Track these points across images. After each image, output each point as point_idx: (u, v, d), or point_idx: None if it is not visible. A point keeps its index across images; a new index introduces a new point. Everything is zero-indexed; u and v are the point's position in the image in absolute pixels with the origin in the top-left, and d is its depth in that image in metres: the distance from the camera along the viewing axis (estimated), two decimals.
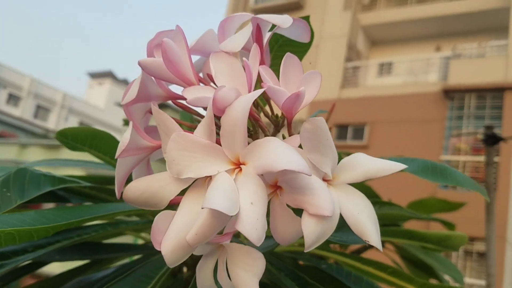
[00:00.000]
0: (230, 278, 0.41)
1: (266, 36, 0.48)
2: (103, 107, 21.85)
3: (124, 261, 0.81)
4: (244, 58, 0.40)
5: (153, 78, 0.45)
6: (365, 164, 0.43)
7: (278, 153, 0.36)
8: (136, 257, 0.74)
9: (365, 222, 0.40)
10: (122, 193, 0.46)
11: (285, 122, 0.47)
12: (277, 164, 0.36)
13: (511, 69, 8.95)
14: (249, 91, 0.40)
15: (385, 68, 11.04)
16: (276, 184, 0.39)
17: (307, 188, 0.38)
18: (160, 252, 0.70)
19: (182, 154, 0.39)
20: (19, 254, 0.56)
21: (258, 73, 0.42)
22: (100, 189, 0.69)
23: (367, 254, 1.13)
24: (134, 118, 0.45)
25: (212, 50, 0.49)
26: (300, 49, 0.62)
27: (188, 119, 0.74)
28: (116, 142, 0.65)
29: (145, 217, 0.71)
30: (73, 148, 0.63)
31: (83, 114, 20.82)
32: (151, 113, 0.49)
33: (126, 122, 0.97)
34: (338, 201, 0.40)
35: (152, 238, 0.39)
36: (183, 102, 0.48)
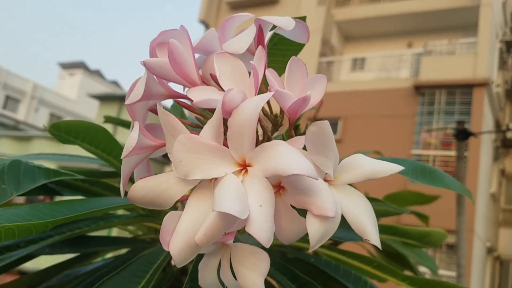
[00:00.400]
0: (235, 277, 0.42)
1: (267, 36, 0.49)
2: (75, 98, 21.42)
3: (109, 255, 0.81)
4: (252, 62, 0.41)
5: (155, 76, 0.46)
6: (364, 165, 0.44)
7: (287, 157, 0.37)
8: (124, 250, 0.74)
9: (366, 222, 0.42)
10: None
11: (282, 122, 0.48)
12: (286, 168, 0.36)
13: (480, 66, 9.18)
14: (255, 94, 0.41)
15: (358, 64, 11.17)
16: (279, 185, 0.40)
17: (312, 190, 0.39)
18: (151, 246, 0.71)
19: (189, 155, 0.39)
20: (11, 249, 0.56)
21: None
22: (92, 183, 0.69)
23: (342, 245, 1.15)
24: (137, 117, 0.45)
25: (213, 49, 0.50)
26: (294, 47, 0.62)
27: (179, 114, 0.74)
28: (109, 136, 0.64)
29: (135, 211, 0.71)
30: (64, 141, 0.63)
31: (54, 105, 20.37)
32: (150, 111, 0.49)
33: (107, 119, 0.96)
34: (339, 201, 0.42)
35: (161, 238, 0.40)
36: (184, 101, 0.48)
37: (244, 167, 0.39)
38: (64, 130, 0.60)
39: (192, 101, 0.43)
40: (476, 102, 9.03)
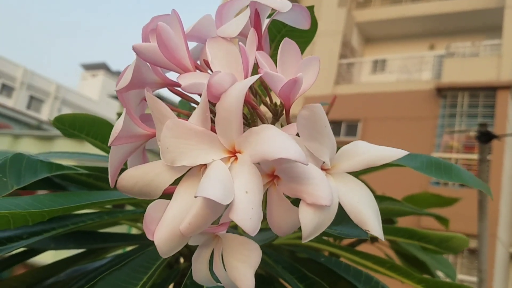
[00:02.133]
0: (225, 269, 0.40)
1: (265, 22, 0.47)
2: (96, 99, 21.70)
3: (119, 251, 0.80)
4: (240, 43, 0.39)
5: (148, 64, 0.44)
6: (365, 152, 0.42)
7: (274, 141, 0.35)
8: (130, 247, 0.73)
9: (365, 211, 0.39)
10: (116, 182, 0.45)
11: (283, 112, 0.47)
12: (273, 153, 0.34)
13: (504, 68, 9.01)
14: (245, 77, 0.39)
15: (379, 65, 11.06)
16: (273, 174, 0.38)
17: (305, 177, 0.37)
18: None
19: (176, 141, 0.38)
20: (13, 240, 0.55)
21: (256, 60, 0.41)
22: (97, 177, 0.68)
23: (360, 248, 1.13)
24: (128, 105, 0.44)
25: (209, 36, 0.48)
26: (303, 40, 0.61)
27: (187, 108, 0.72)
28: None
29: (140, 206, 0.70)
30: (69, 135, 0.62)
31: (76, 105, 20.66)
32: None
33: (120, 116, 0.95)
34: (337, 190, 0.40)
35: (145, 227, 0.38)
36: (179, 89, 0.47)
37: (233, 153, 0.38)
38: (68, 123, 0.59)
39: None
40: (500, 105, 8.86)
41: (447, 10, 10.25)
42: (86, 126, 0.62)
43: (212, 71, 0.42)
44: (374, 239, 1.30)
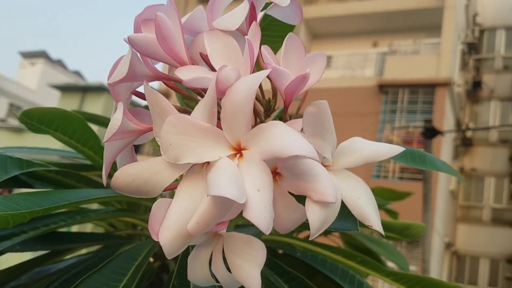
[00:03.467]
0: (228, 269, 0.39)
1: (259, 16, 0.46)
2: (35, 89, 20.73)
3: (81, 251, 0.76)
4: (246, 37, 0.38)
5: (139, 55, 0.42)
6: (363, 149, 0.42)
7: (286, 138, 0.34)
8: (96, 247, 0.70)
9: (366, 207, 0.40)
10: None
11: (276, 107, 0.46)
12: (286, 150, 0.34)
13: (442, 66, 9.40)
14: (251, 72, 0.38)
15: None
16: (275, 171, 0.38)
17: (311, 175, 0.37)
18: (129, 242, 0.67)
19: (180, 138, 0.36)
20: None
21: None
22: (66, 175, 0.64)
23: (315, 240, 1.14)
24: (120, 99, 0.42)
25: (200, 30, 0.47)
26: (282, 33, 0.60)
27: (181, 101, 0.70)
28: (84, 125, 0.60)
29: (111, 205, 0.67)
30: (36, 130, 0.58)
31: (14, 95, 19.62)
32: (133, 94, 0.45)
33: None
34: (338, 186, 0.39)
35: (150, 228, 0.36)
36: (168, 81, 0.45)
37: (238, 150, 0.37)
38: (36, 118, 0.55)
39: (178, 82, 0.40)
40: (438, 102, 9.24)
41: (390, 8, 10.56)
42: (55, 121, 0.58)
43: (209, 65, 0.41)
44: (327, 232, 1.32)
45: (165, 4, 0.42)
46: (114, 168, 0.44)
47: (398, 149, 0.42)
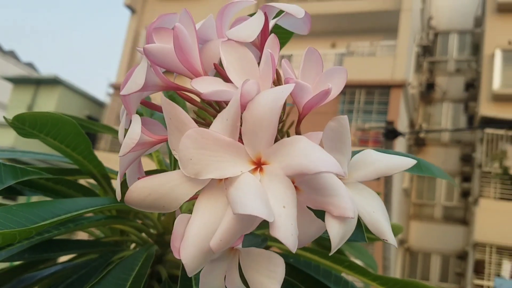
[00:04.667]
0: (245, 284, 0.39)
1: (270, 25, 0.46)
2: None
3: (63, 259, 0.74)
4: (269, 50, 0.37)
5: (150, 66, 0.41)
6: (377, 162, 0.42)
7: (312, 154, 0.34)
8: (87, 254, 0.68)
9: (382, 221, 0.40)
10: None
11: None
12: (312, 166, 0.34)
13: (398, 68, 9.65)
14: (271, 85, 0.38)
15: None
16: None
17: (330, 189, 0.37)
18: (120, 249, 0.65)
19: (201, 152, 0.35)
20: None
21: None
22: (57, 181, 0.62)
23: None
24: (132, 110, 0.41)
25: (208, 38, 0.46)
26: (281, 41, 0.60)
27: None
28: (77, 130, 0.58)
29: (100, 212, 0.65)
30: (27, 135, 0.55)
31: None
32: (142, 104, 0.44)
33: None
34: (353, 200, 0.40)
35: (172, 245, 0.35)
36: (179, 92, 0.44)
37: (258, 165, 0.36)
38: (29, 123, 0.53)
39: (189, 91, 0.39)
40: (393, 103, 9.48)
41: (348, 10, 10.74)
42: (48, 126, 0.56)
43: (223, 75, 0.41)
44: None
45: (178, 14, 0.41)
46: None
47: (412, 162, 0.42)
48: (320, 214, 0.39)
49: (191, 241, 0.35)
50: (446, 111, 12.50)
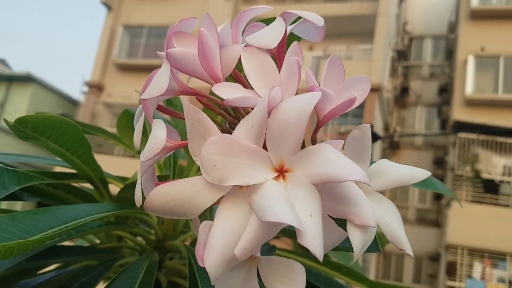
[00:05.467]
0: None
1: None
2: None
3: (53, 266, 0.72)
4: (296, 58, 0.37)
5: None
6: (394, 172, 0.42)
7: (339, 162, 0.34)
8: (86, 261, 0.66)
9: (399, 231, 0.40)
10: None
11: None
12: (340, 174, 0.34)
13: (373, 72, 9.77)
14: (296, 92, 0.38)
15: None
16: None
17: (352, 198, 0.37)
18: (118, 255, 0.64)
19: (225, 159, 0.35)
20: None
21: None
22: (56, 186, 0.60)
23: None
24: (151, 114, 0.40)
25: (224, 43, 0.45)
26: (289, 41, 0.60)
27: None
28: (79, 134, 0.56)
29: (101, 219, 0.63)
30: (28, 138, 0.54)
31: None
32: (158, 109, 0.43)
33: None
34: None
35: (196, 253, 0.35)
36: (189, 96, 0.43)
37: (280, 172, 0.36)
38: (31, 126, 0.51)
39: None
40: (368, 106, 9.59)
41: (326, 13, 10.81)
42: (50, 129, 0.54)
43: (241, 81, 0.41)
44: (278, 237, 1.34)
45: (197, 18, 0.40)
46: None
47: (426, 174, 0.43)
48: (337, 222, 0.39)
49: (215, 249, 0.35)
50: (419, 115, 12.71)
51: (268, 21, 0.48)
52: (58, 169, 0.78)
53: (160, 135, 0.37)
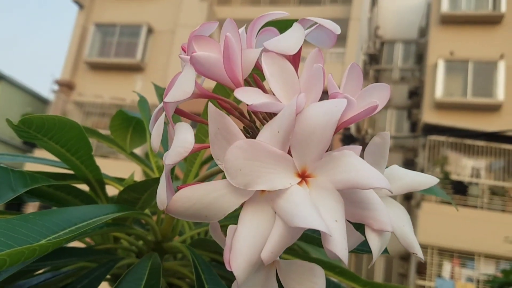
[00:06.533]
0: None
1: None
2: None
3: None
4: (320, 65, 0.38)
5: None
6: (406, 177, 0.44)
7: (363, 169, 0.35)
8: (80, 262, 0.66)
9: (411, 235, 0.41)
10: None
11: None
12: (365, 181, 0.34)
13: None
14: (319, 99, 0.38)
15: None
16: None
17: (370, 203, 0.38)
18: (117, 257, 0.64)
19: (251, 163, 0.35)
20: None
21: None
22: (57, 187, 0.59)
23: None
24: (170, 117, 0.40)
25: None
26: None
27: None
28: (81, 135, 0.56)
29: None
30: (30, 138, 0.53)
31: None
32: (176, 113, 0.43)
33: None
34: None
35: (224, 257, 0.35)
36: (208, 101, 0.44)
37: (302, 177, 0.37)
38: (35, 126, 0.50)
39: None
40: None
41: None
42: (54, 129, 0.53)
43: (260, 85, 0.41)
44: None
45: (217, 22, 0.41)
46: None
47: (434, 180, 0.44)
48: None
49: (241, 253, 0.35)
50: (390, 118, 12.94)
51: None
52: (49, 169, 0.77)
53: (188, 138, 0.37)
